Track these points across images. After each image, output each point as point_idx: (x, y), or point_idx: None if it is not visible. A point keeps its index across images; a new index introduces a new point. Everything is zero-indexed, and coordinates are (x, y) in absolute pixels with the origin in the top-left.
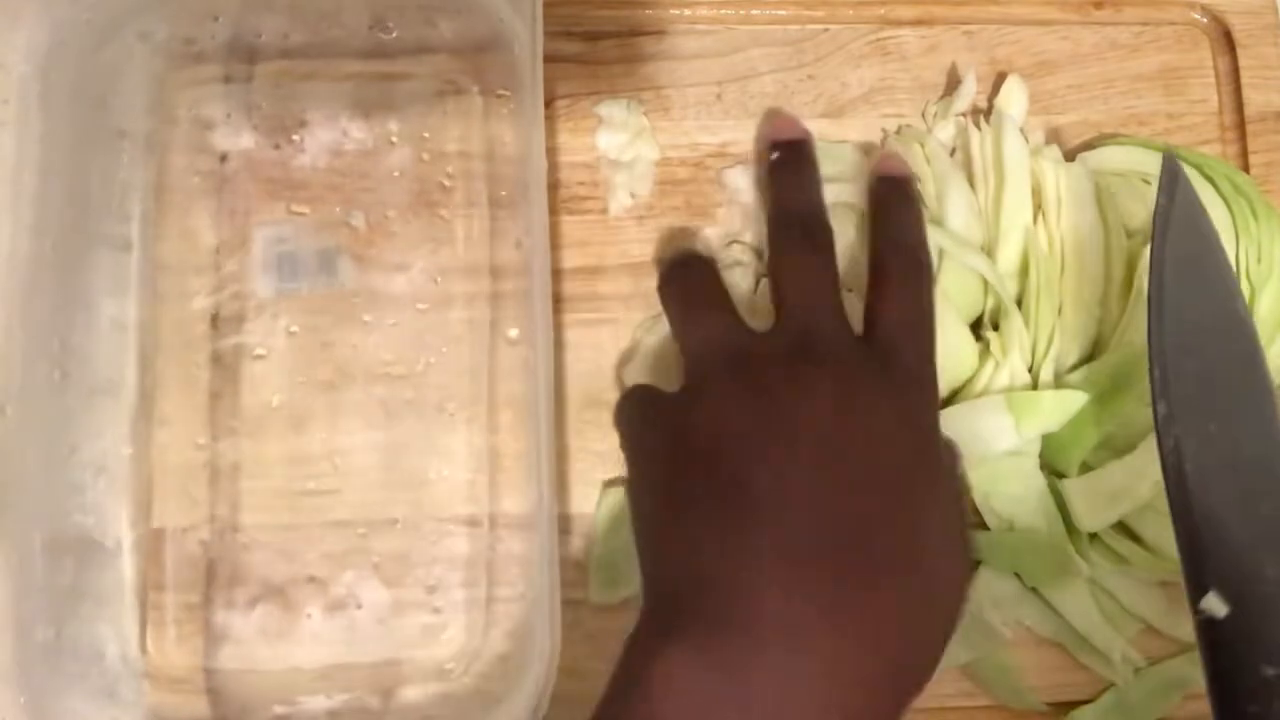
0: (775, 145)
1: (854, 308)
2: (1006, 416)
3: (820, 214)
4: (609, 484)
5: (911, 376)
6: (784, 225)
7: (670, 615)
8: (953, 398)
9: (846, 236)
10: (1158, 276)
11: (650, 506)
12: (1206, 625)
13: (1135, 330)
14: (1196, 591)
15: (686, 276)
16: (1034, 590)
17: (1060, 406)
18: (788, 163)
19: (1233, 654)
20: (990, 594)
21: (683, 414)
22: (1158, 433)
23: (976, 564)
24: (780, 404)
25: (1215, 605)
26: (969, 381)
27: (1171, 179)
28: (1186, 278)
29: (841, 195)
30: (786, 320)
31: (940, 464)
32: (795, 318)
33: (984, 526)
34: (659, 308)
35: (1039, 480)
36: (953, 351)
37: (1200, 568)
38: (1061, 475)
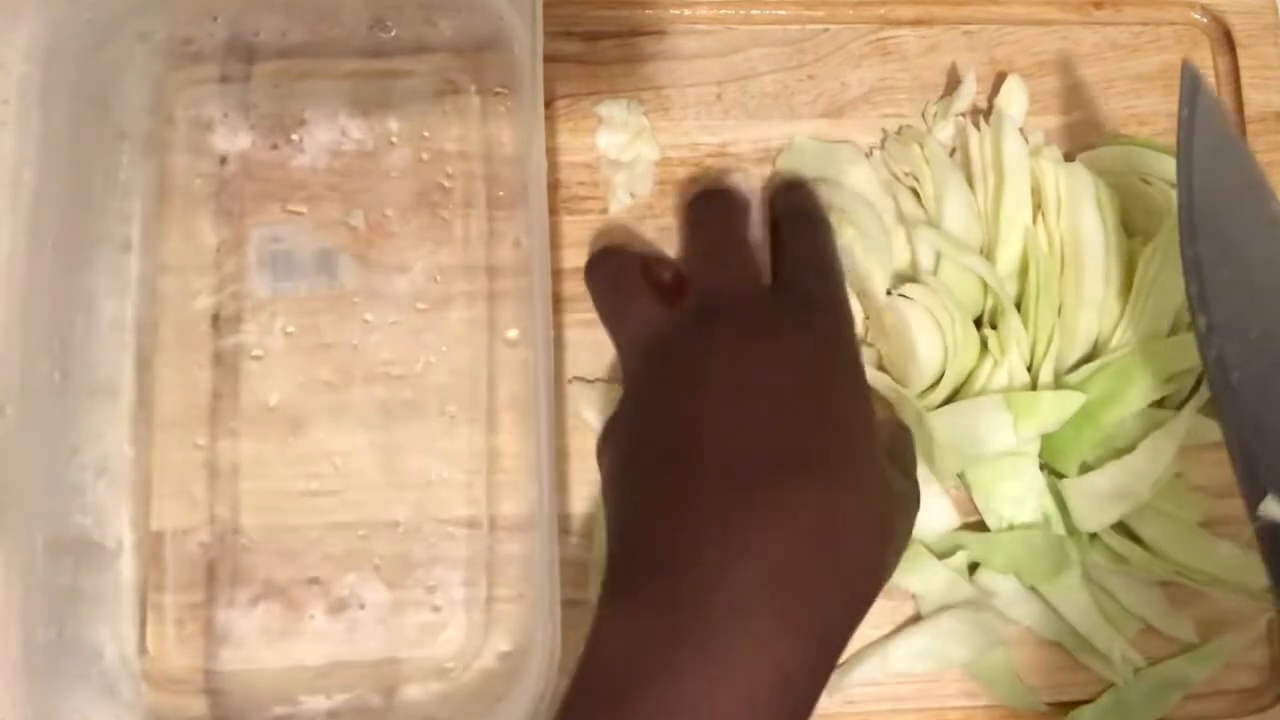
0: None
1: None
2: (1005, 415)
3: (721, 187)
4: None
5: (818, 307)
6: (689, 204)
7: (617, 574)
8: (952, 396)
9: (844, 238)
10: (1186, 190)
11: (609, 494)
12: (1266, 530)
13: (1135, 330)
14: (1254, 497)
15: (605, 271)
16: (1034, 590)
17: (1059, 406)
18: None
19: None
20: (990, 594)
21: (623, 415)
22: (1200, 347)
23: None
24: (689, 367)
25: (1274, 509)
26: (968, 380)
27: (1192, 90)
28: (1215, 187)
29: (841, 196)
30: (692, 287)
31: (861, 377)
32: (698, 281)
33: (984, 527)
34: None
35: (1039, 480)
36: (955, 347)
37: (1255, 474)
38: (1061, 475)
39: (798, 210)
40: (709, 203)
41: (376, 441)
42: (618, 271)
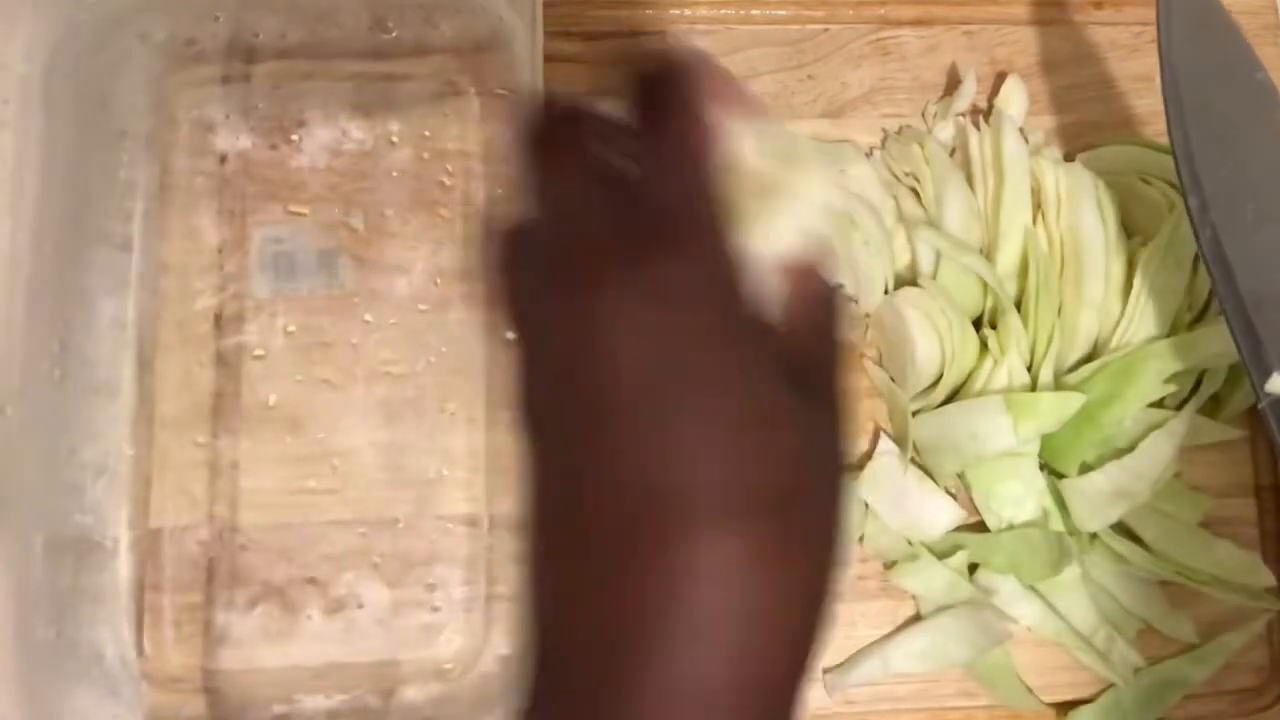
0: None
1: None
2: (1005, 417)
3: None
4: None
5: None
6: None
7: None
8: (952, 396)
9: (842, 239)
10: (1169, 69)
11: None
12: (1275, 406)
13: (1135, 330)
14: (1261, 375)
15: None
16: (1034, 590)
17: (1058, 408)
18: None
19: None
20: (990, 594)
21: None
22: (1193, 227)
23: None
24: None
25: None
26: (968, 380)
27: None
28: (1199, 63)
29: (840, 197)
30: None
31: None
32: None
33: (984, 527)
34: None
35: (1039, 480)
36: (954, 350)
37: (1259, 350)
38: (1061, 475)
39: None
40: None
41: (376, 440)
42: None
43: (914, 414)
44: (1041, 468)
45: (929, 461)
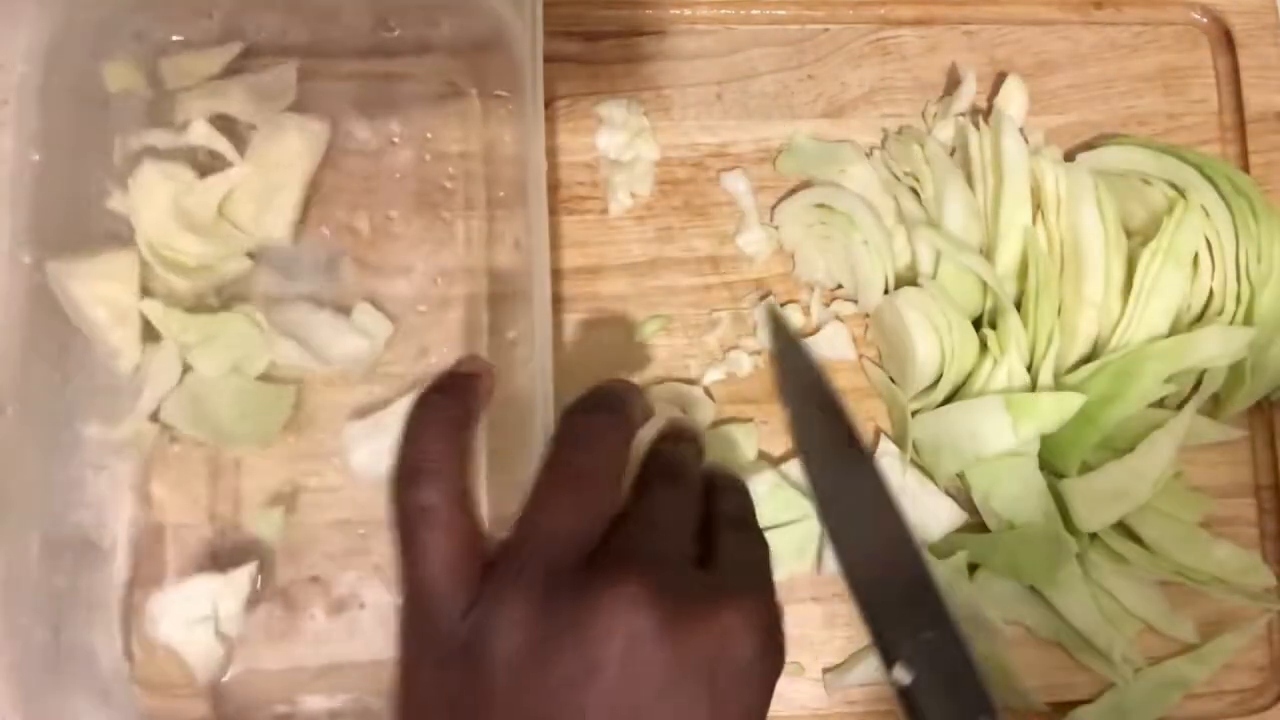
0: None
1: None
2: (1004, 417)
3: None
4: None
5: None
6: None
7: None
8: (952, 396)
9: (842, 239)
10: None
11: None
12: (901, 694)
13: (1135, 330)
14: (887, 665)
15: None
16: (1034, 590)
17: (1058, 408)
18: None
19: (931, 713)
20: (990, 594)
21: None
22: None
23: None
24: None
25: (901, 674)
26: (968, 380)
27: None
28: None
29: (842, 196)
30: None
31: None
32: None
33: (984, 528)
34: (659, 307)
35: (1038, 480)
36: (953, 351)
37: (883, 643)
38: (1061, 475)
39: (728, 481)
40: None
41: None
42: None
43: (913, 414)
44: (1041, 468)
45: (929, 462)
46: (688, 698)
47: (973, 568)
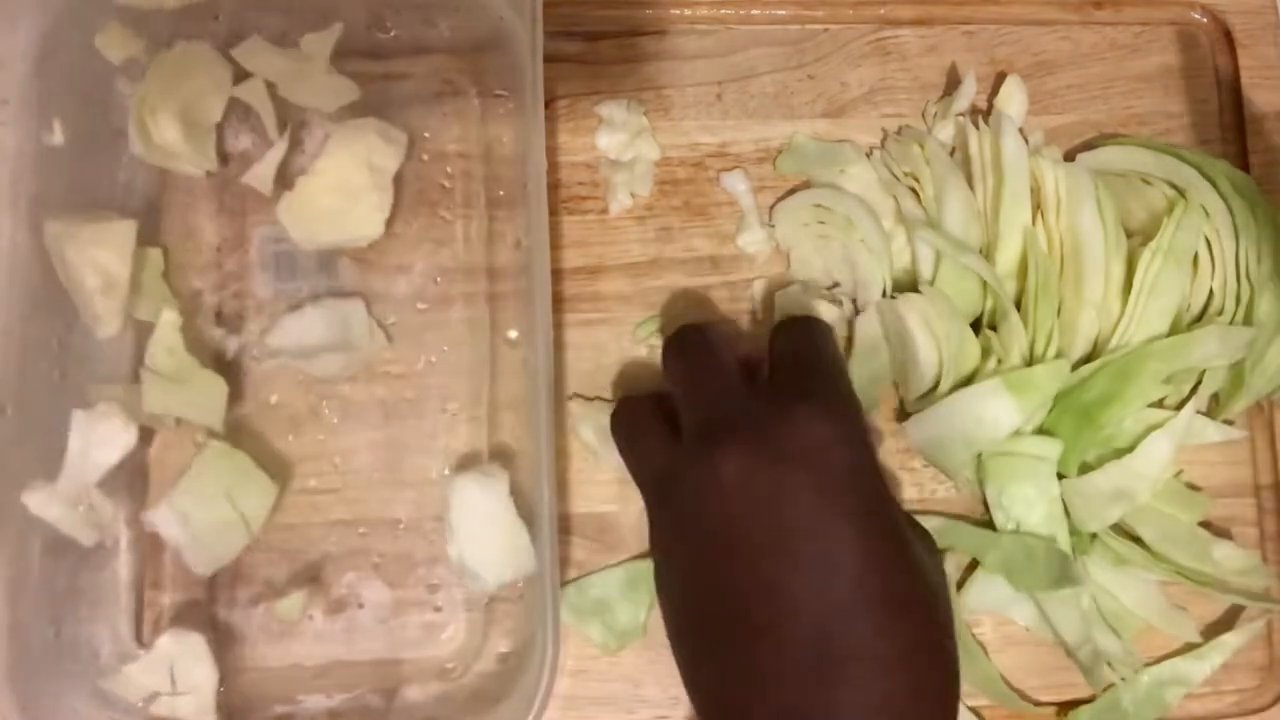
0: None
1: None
2: (1006, 396)
3: (696, 324)
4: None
5: (820, 397)
6: (666, 343)
7: None
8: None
9: (841, 239)
10: None
11: (679, 655)
12: None
13: (1135, 330)
14: None
15: (620, 416)
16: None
17: (1052, 376)
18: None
19: None
20: (989, 593)
21: (667, 569)
22: None
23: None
24: (710, 506)
25: None
26: (968, 380)
27: None
28: None
29: (841, 198)
30: (685, 418)
31: (877, 469)
32: (688, 412)
33: (990, 524)
34: (658, 308)
35: (1053, 487)
36: (953, 357)
37: None
38: (1062, 475)
39: (791, 321)
40: (684, 336)
41: (377, 440)
42: (629, 412)
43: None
44: None
45: (940, 458)
46: (792, 489)
47: (973, 567)
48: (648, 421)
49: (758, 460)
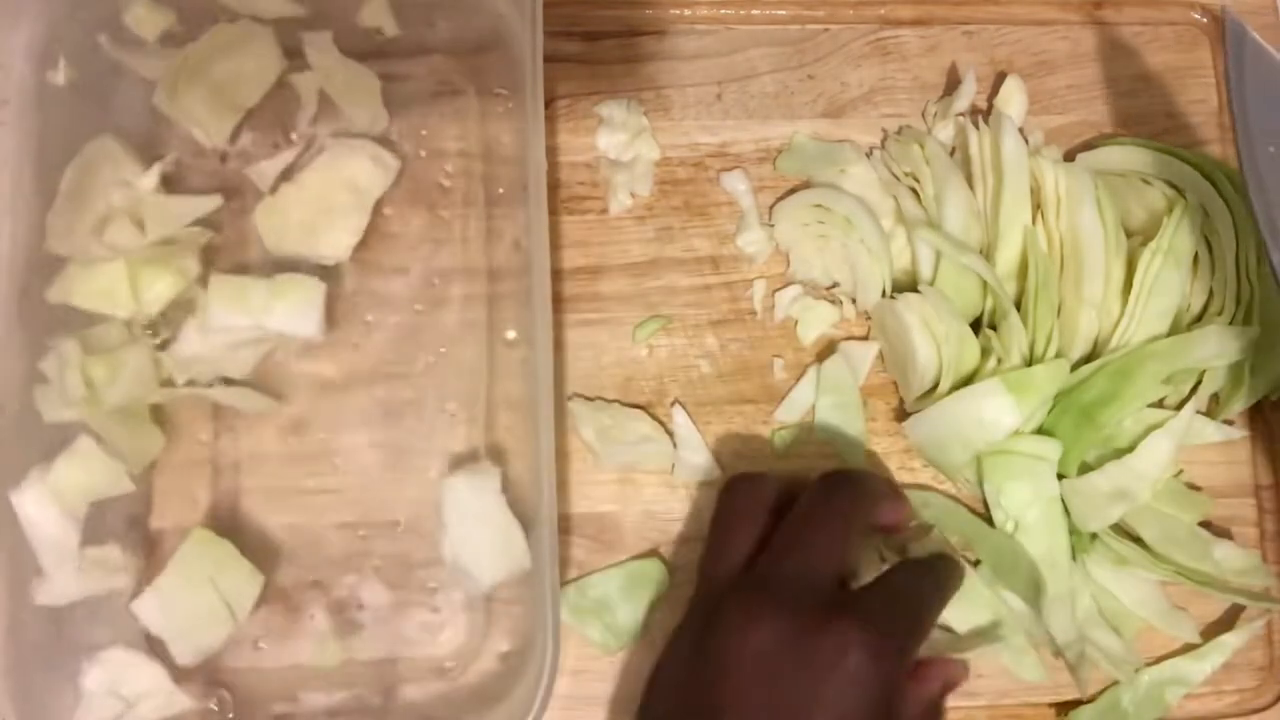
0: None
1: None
2: (1006, 396)
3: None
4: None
5: (890, 617)
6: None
7: None
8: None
9: (840, 238)
10: (1249, 154)
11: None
12: None
13: (1135, 330)
14: None
15: (742, 488)
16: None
17: (1051, 376)
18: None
19: None
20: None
21: (670, 662)
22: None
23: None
24: (729, 641)
25: None
26: (968, 380)
27: (1238, 42)
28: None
29: (837, 199)
30: (768, 550)
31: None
32: (777, 550)
33: (990, 523)
34: (658, 308)
35: (1052, 489)
36: (952, 358)
37: None
38: (1062, 475)
39: (925, 561)
40: (841, 487)
41: (377, 440)
42: (752, 488)
43: (915, 410)
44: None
45: (939, 458)
46: (797, 688)
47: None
48: (758, 511)
49: (783, 648)
